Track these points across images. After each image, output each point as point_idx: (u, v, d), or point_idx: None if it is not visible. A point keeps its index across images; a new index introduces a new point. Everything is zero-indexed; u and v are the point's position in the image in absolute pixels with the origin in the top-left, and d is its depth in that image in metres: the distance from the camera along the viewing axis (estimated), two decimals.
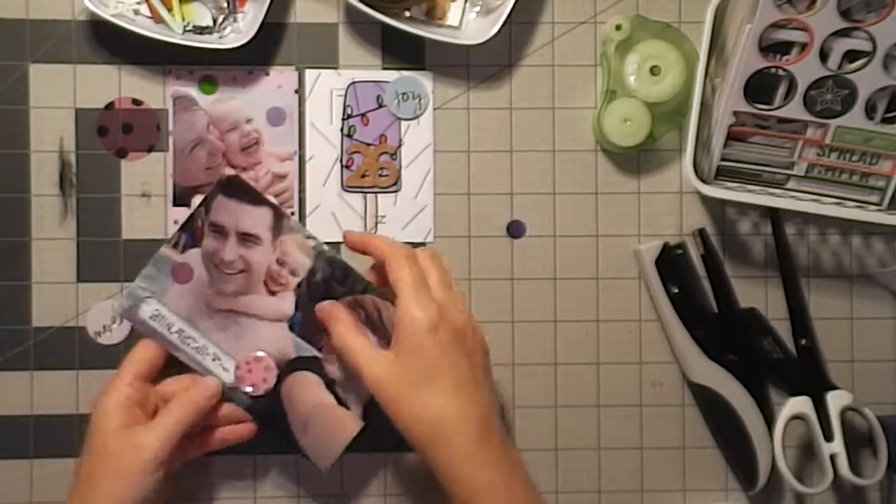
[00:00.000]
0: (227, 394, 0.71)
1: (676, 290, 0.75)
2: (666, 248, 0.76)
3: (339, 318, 0.68)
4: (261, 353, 0.71)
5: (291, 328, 0.71)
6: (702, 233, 0.76)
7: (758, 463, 0.74)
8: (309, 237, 0.72)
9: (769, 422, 0.75)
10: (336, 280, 0.71)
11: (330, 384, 0.71)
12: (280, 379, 0.71)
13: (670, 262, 0.75)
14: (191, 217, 0.72)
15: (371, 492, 0.77)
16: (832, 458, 0.74)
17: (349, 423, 0.71)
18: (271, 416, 0.71)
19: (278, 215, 0.72)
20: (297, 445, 0.71)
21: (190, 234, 0.72)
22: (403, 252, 0.67)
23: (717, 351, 0.75)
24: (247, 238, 0.72)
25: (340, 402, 0.71)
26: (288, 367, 0.71)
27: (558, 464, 0.77)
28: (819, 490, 0.75)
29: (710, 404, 0.76)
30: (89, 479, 0.66)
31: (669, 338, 0.76)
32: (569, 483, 0.77)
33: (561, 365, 0.77)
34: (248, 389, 0.71)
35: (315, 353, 0.71)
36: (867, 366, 0.78)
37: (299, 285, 0.71)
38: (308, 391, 0.71)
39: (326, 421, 0.71)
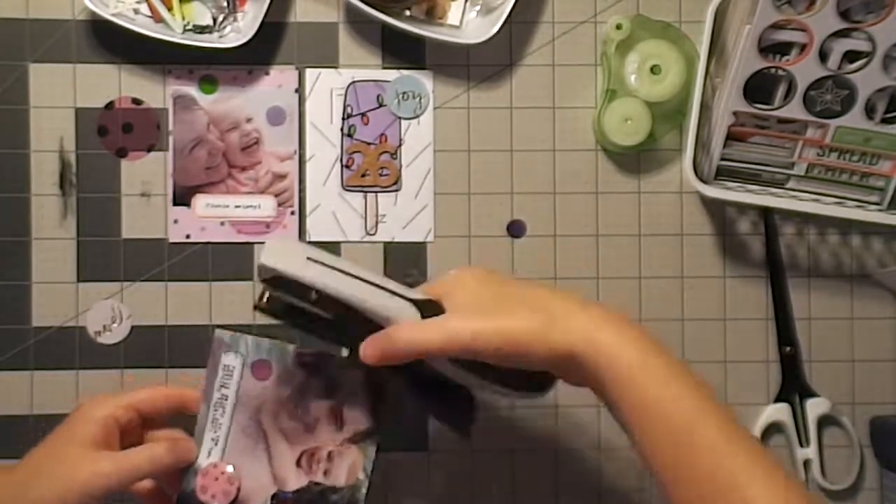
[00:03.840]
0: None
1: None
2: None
3: (389, 335, 0.60)
4: (230, 469, 0.67)
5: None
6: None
7: None
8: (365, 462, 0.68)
9: None
10: None
11: None
12: None
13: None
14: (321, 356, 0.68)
15: (372, 492, 0.77)
16: (805, 463, 0.76)
17: None
18: None
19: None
20: None
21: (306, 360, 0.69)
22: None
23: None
24: (334, 419, 0.68)
25: None
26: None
27: (558, 464, 0.77)
28: None
29: None
30: (35, 470, 0.64)
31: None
32: (569, 483, 0.77)
33: None
34: (205, 498, 0.67)
35: None
36: (867, 366, 0.78)
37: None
38: None
39: None
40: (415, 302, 0.59)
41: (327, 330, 0.64)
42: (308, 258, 0.59)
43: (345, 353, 0.68)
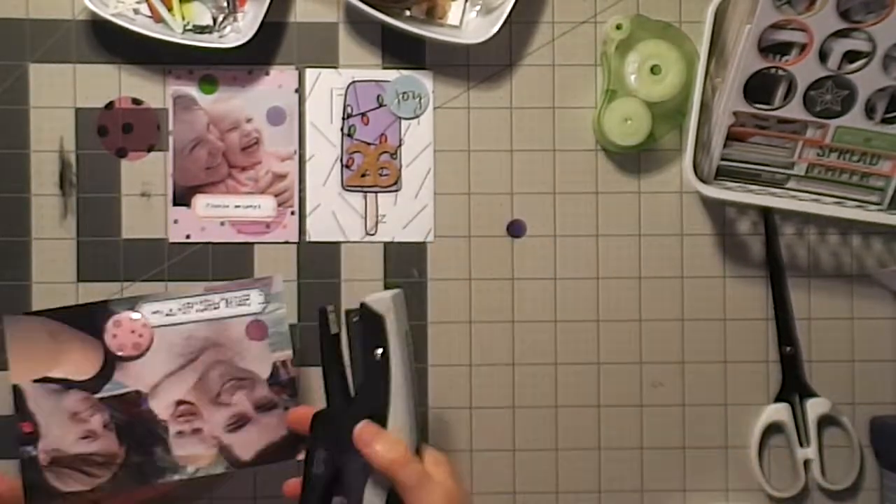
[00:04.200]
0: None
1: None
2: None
3: (379, 434, 0.63)
4: (136, 316, 0.70)
5: None
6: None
7: None
8: None
9: None
10: None
11: None
12: None
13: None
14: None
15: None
16: (806, 463, 0.76)
17: None
18: None
19: None
20: None
21: None
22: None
23: None
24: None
25: None
26: None
27: (558, 464, 0.77)
28: (789, 494, 0.76)
29: None
30: None
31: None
32: (569, 483, 0.77)
33: (561, 365, 0.77)
34: (118, 352, 0.69)
35: None
36: (867, 366, 0.78)
37: None
38: None
39: None
40: None
41: (337, 382, 0.66)
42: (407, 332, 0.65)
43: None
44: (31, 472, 0.68)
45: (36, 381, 0.69)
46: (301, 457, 0.68)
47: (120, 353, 0.69)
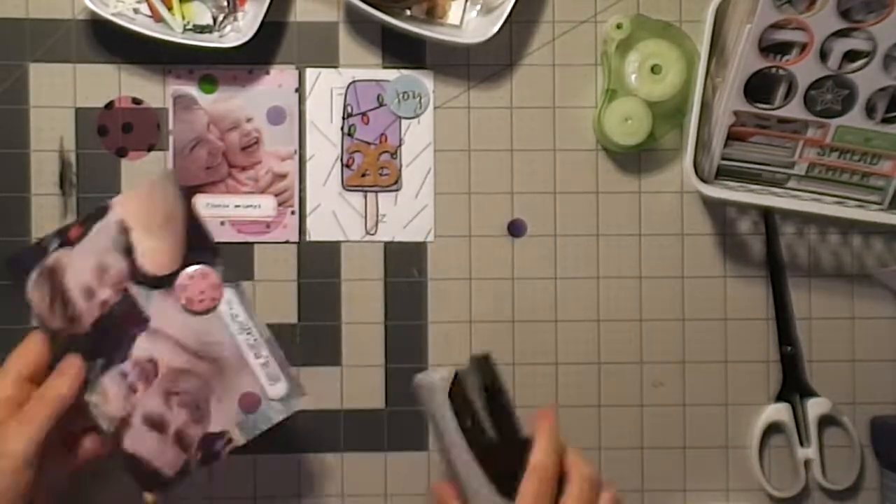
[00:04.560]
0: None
1: (470, 424, 0.64)
2: (458, 378, 0.65)
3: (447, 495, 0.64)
4: (196, 267, 0.68)
5: None
6: (486, 359, 0.66)
7: None
8: None
9: None
10: None
11: None
12: None
13: (461, 393, 0.65)
14: None
15: (371, 492, 0.77)
16: (806, 463, 0.76)
17: None
18: None
19: None
20: None
21: None
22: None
23: (508, 485, 0.63)
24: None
25: None
26: None
27: None
28: (789, 494, 0.76)
29: None
30: None
31: (461, 475, 0.65)
32: None
33: (562, 365, 0.77)
34: (181, 303, 0.67)
35: None
36: (868, 366, 0.78)
37: None
38: None
39: None
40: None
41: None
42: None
43: None
44: None
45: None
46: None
47: (182, 303, 0.67)
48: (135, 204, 0.67)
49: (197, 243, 0.68)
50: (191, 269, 0.67)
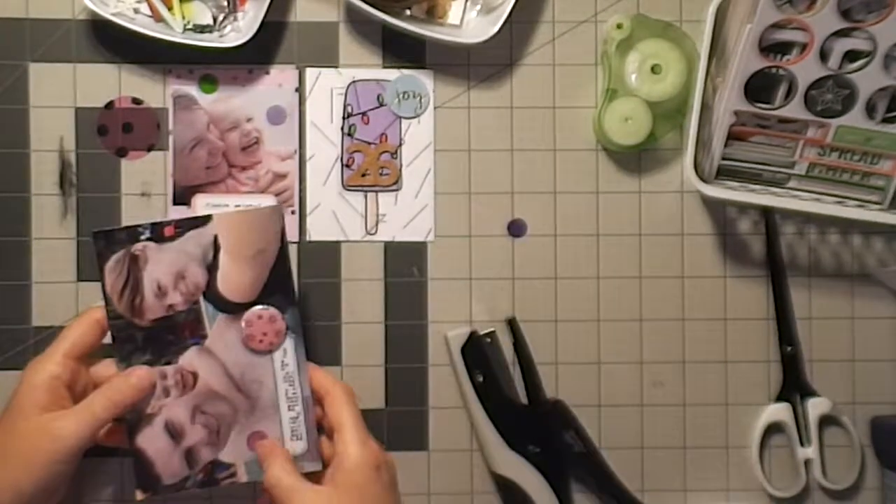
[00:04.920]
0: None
1: (482, 379, 0.74)
2: (473, 336, 0.75)
3: (275, 454, 0.67)
4: (268, 308, 0.69)
5: None
6: (512, 322, 0.76)
7: None
8: None
9: None
10: None
11: None
12: None
13: (477, 350, 0.75)
14: None
15: None
16: (806, 463, 0.76)
17: None
18: None
19: None
20: None
21: None
22: (343, 389, 0.68)
23: (520, 443, 0.74)
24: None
25: None
26: None
27: None
28: (789, 494, 0.76)
29: (510, 496, 0.75)
30: None
31: (474, 427, 0.75)
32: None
33: (561, 364, 0.77)
34: (242, 336, 0.68)
35: None
36: (868, 365, 0.78)
37: None
38: None
39: None
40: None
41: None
42: None
43: None
44: None
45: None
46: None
47: (242, 336, 0.68)
48: (235, 225, 0.69)
49: (278, 284, 0.69)
50: (262, 307, 0.69)
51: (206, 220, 0.68)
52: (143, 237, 0.68)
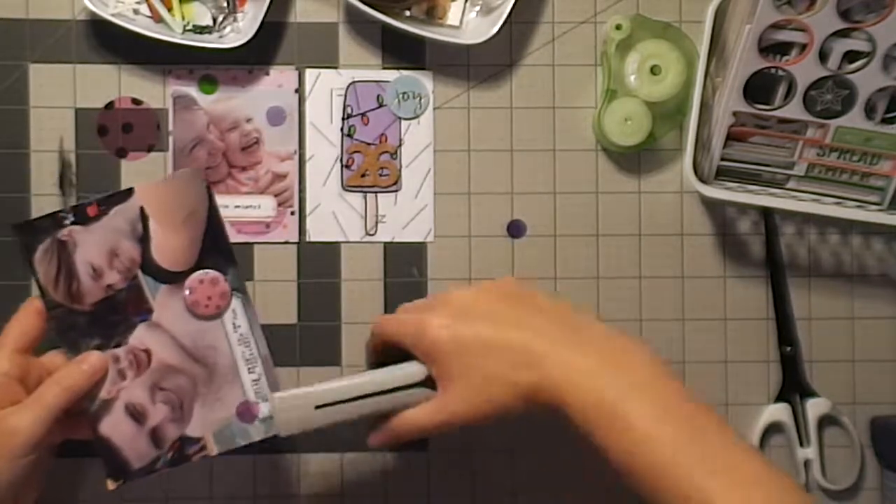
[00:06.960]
0: None
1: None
2: None
3: (392, 428, 0.65)
4: (208, 272, 0.68)
5: None
6: None
7: None
8: None
9: None
10: None
11: None
12: None
13: None
14: None
15: (371, 492, 0.77)
16: (806, 463, 0.77)
17: None
18: None
19: None
20: None
21: None
22: (383, 326, 0.67)
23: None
24: None
25: None
26: None
27: (559, 463, 0.77)
28: None
29: None
30: None
31: None
32: (570, 482, 0.77)
33: None
34: (187, 304, 0.67)
35: None
36: (867, 366, 0.78)
37: None
38: None
39: None
40: (414, 385, 0.64)
41: None
42: (316, 407, 0.64)
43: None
44: None
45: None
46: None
47: (187, 304, 0.67)
48: (159, 194, 0.67)
49: (214, 247, 0.68)
50: (202, 272, 0.67)
51: (128, 193, 0.67)
52: (67, 222, 0.66)
